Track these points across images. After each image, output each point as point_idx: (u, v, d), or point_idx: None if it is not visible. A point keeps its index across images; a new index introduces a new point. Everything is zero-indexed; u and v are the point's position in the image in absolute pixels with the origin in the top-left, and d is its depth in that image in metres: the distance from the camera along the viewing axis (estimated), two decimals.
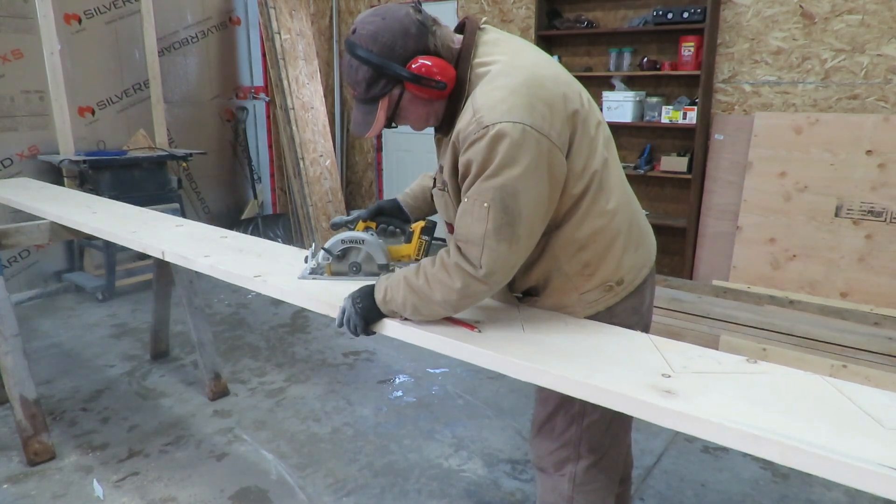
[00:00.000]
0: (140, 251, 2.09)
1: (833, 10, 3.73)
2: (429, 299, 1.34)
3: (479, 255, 1.27)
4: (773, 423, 0.96)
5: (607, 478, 1.57)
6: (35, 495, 2.23)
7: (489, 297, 1.42)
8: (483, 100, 1.26)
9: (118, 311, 4.09)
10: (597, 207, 1.38)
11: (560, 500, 1.55)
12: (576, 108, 1.32)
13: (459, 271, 1.29)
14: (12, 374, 2.36)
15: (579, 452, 1.52)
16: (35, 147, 4.23)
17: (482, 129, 1.23)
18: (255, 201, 5.77)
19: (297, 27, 5.48)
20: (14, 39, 4.05)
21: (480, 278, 1.28)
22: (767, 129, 3.93)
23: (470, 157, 1.26)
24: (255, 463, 2.44)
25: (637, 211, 1.52)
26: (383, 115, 1.35)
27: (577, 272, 1.41)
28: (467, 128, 1.26)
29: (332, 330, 3.75)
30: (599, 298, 1.43)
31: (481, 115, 1.24)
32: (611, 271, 1.42)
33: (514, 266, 1.32)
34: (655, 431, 2.63)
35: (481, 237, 1.26)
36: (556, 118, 1.28)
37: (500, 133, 1.22)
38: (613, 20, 4.58)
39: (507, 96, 1.25)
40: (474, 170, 1.26)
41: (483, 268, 1.27)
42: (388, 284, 1.41)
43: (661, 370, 1.15)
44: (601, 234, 1.39)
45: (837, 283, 3.72)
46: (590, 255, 1.40)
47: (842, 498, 2.23)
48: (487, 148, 1.23)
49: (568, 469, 1.53)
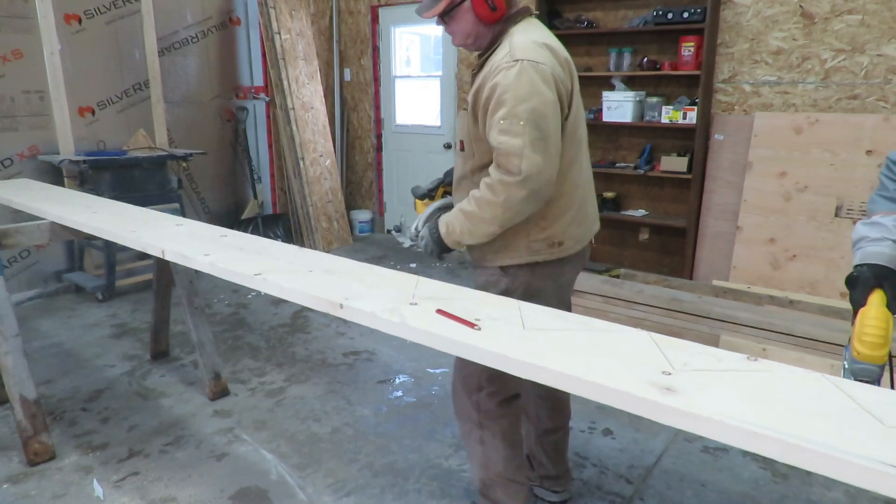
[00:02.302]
0: (140, 250, 2.09)
1: (833, 10, 3.73)
2: (480, 219, 1.63)
3: (518, 163, 1.53)
4: (774, 421, 0.96)
5: (510, 408, 1.87)
6: (35, 495, 2.22)
7: (529, 209, 1.63)
8: (519, 42, 1.61)
9: (118, 311, 4.09)
10: (570, 175, 1.71)
11: (473, 426, 1.88)
12: (575, 84, 1.71)
13: (501, 185, 1.56)
14: (12, 374, 2.36)
15: (481, 383, 1.83)
16: (35, 147, 4.24)
17: (513, 61, 1.56)
18: (255, 201, 5.78)
19: (297, 27, 5.49)
20: (14, 39, 4.05)
21: (519, 183, 1.54)
22: (767, 129, 3.93)
23: (498, 80, 1.56)
24: (254, 463, 2.44)
25: (590, 194, 1.86)
26: (443, 6, 1.67)
27: (534, 222, 1.70)
28: (503, 59, 1.59)
29: (332, 330, 3.75)
30: (540, 250, 1.74)
31: (514, 51, 1.58)
32: (558, 232, 1.73)
33: (547, 177, 1.58)
34: (655, 431, 2.63)
35: (521, 148, 1.53)
36: (566, 78, 1.65)
37: (528, 66, 1.55)
38: (613, 20, 4.58)
39: (537, 48, 1.60)
40: (509, 95, 1.54)
41: (522, 173, 1.53)
42: (448, 220, 1.71)
43: (661, 368, 1.15)
44: (563, 199, 1.71)
45: (837, 283, 3.72)
46: (550, 211, 1.70)
47: (842, 498, 2.23)
48: (517, 76, 1.54)
49: (474, 397, 1.86)
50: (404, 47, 6.38)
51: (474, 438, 1.88)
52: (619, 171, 4.56)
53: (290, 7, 5.45)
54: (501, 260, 1.75)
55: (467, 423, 1.89)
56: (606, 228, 4.91)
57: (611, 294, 3.65)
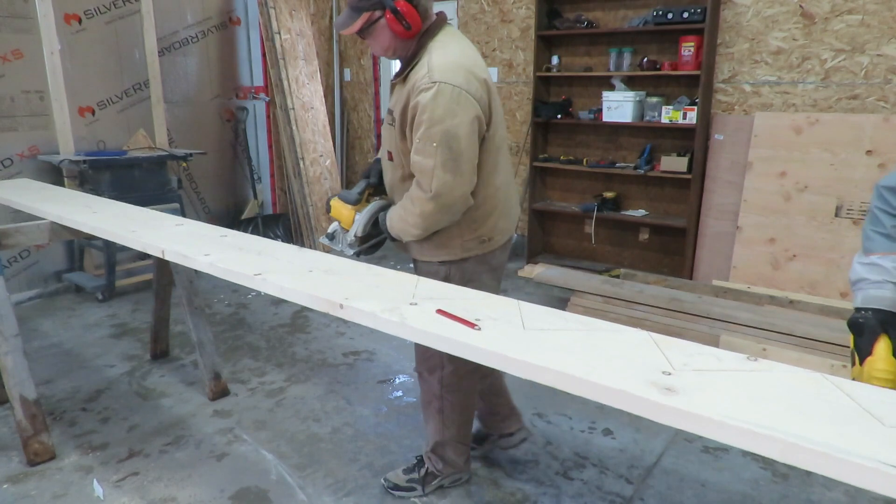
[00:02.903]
0: (140, 250, 2.09)
1: (833, 10, 3.73)
2: (406, 223, 1.83)
3: (429, 182, 1.72)
4: (774, 421, 0.96)
5: (469, 382, 2.10)
6: (35, 495, 2.22)
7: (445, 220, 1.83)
8: (437, 61, 1.72)
9: (118, 311, 4.09)
10: (493, 180, 1.89)
11: (434, 398, 2.10)
12: (494, 95, 1.84)
13: (418, 199, 1.76)
14: (12, 374, 2.36)
15: (443, 362, 2.03)
16: (35, 147, 4.23)
17: (431, 83, 1.68)
18: (255, 201, 5.78)
19: (297, 27, 5.49)
20: (14, 39, 4.05)
21: (430, 199, 1.73)
22: (767, 129, 3.93)
23: (419, 100, 1.69)
24: (255, 463, 2.44)
25: (513, 191, 2.05)
26: (360, 24, 1.77)
27: (466, 224, 1.89)
28: (422, 79, 1.71)
29: (332, 330, 3.75)
30: (473, 248, 1.93)
31: (433, 72, 1.70)
32: (488, 230, 1.93)
33: (459, 193, 1.76)
34: (655, 431, 2.63)
35: (431, 168, 1.70)
36: (483, 95, 1.77)
37: (444, 88, 1.67)
38: (613, 20, 4.58)
39: (455, 68, 1.71)
40: (425, 117, 1.68)
41: (432, 191, 1.72)
42: (390, 215, 1.91)
43: (661, 367, 1.15)
44: (490, 201, 1.90)
45: (837, 283, 3.72)
46: (479, 213, 1.89)
47: (842, 498, 2.23)
48: (433, 98, 1.67)
49: (437, 374, 2.06)
50: None
51: (434, 408, 2.12)
52: (619, 171, 4.56)
53: (290, 7, 5.45)
54: (440, 256, 1.95)
55: (429, 395, 2.12)
56: (606, 228, 4.92)
57: (611, 294, 3.65)
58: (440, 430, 2.15)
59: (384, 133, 1.95)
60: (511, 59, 5.11)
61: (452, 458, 2.20)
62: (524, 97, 5.08)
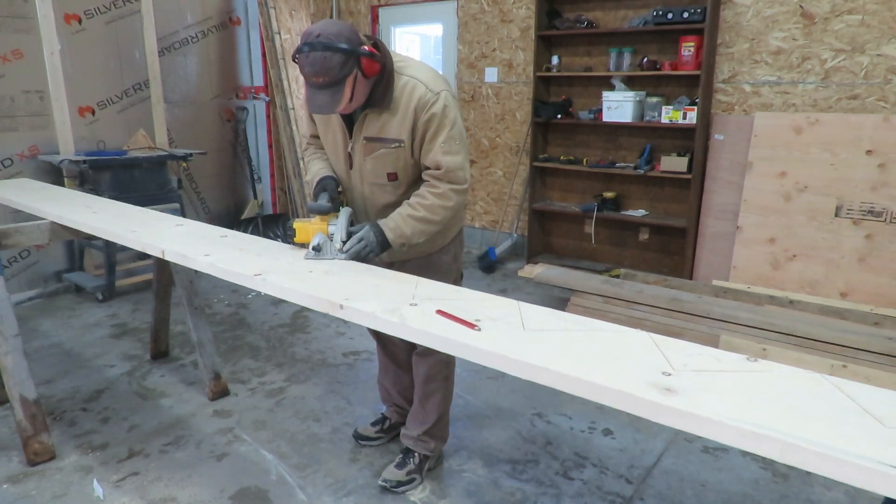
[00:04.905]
0: (140, 250, 2.09)
1: (833, 10, 3.73)
2: (431, 223, 1.91)
3: (464, 175, 1.91)
4: (774, 421, 0.96)
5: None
6: (35, 495, 2.22)
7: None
8: (424, 77, 1.86)
9: (118, 311, 4.09)
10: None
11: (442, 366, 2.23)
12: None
13: (454, 193, 1.90)
14: (12, 374, 2.36)
15: None
16: (35, 147, 4.23)
17: (435, 95, 1.83)
18: (255, 201, 5.78)
19: (297, 27, 5.49)
20: (14, 39, 4.05)
21: (465, 190, 1.94)
22: (767, 129, 3.93)
23: (434, 111, 1.83)
24: (255, 463, 2.44)
25: None
26: (349, 90, 1.74)
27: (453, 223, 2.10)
28: (424, 95, 1.83)
29: (332, 330, 3.75)
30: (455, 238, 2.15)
31: (429, 84, 1.84)
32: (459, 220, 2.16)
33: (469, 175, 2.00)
34: (655, 431, 2.63)
35: (462, 162, 1.90)
36: None
37: (446, 95, 1.85)
38: (613, 20, 4.58)
39: (435, 76, 1.89)
40: (447, 121, 1.85)
41: (467, 182, 1.93)
42: (393, 226, 1.89)
43: (661, 368, 1.15)
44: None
45: (837, 283, 3.72)
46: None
47: (842, 498, 2.23)
48: (444, 106, 1.83)
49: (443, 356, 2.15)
50: (404, 47, 6.38)
51: (441, 377, 2.25)
52: (619, 171, 4.56)
53: (290, 7, 5.46)
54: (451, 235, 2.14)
55: (435, 367, 2.23)
56: (606, 228, 4.92)
57: (611, 294, 3.65)
58: (445, 400, 2.30)
59: (381, 159, 1.93)
60: (511, 59, 5.11)
61: (443, 430, 2.36)
62: (524, 97, 5.08)
